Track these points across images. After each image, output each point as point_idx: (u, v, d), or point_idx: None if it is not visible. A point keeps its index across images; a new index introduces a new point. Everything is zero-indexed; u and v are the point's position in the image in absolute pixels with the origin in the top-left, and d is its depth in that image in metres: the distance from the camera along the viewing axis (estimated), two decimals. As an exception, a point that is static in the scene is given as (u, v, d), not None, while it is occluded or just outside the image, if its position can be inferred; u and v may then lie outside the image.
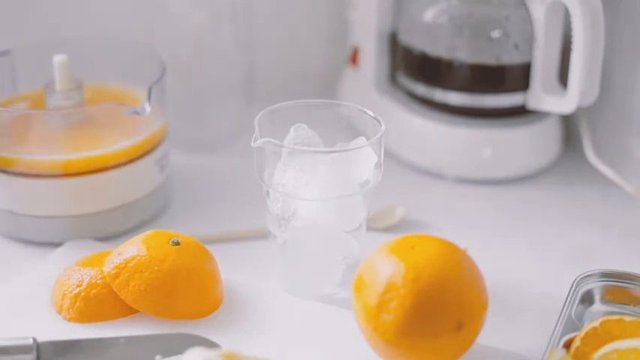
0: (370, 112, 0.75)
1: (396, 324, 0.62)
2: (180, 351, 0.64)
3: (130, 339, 0.68)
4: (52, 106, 0.83)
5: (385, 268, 0.64)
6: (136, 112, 0.80)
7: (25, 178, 0.79)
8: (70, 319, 0.71)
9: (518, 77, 0.93)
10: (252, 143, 0.72)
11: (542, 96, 0.92)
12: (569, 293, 0.71)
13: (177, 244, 0.72)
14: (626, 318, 0.66)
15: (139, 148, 0.82)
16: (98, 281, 0.71)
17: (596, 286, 0.72)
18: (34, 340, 0.65)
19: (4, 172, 0.80)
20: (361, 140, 0.73)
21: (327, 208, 0.72)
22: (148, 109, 0.80)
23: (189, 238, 0.74)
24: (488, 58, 0.92)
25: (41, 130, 0.81)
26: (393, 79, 1.02)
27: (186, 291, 0.70)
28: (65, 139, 0.81)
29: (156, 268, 0.70)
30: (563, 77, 0.92)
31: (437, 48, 0.93)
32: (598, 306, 0.72)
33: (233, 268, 0.76)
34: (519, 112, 0.95)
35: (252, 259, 0.80)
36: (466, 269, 0.64)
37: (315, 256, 0.74)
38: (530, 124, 0.95)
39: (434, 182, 0.95)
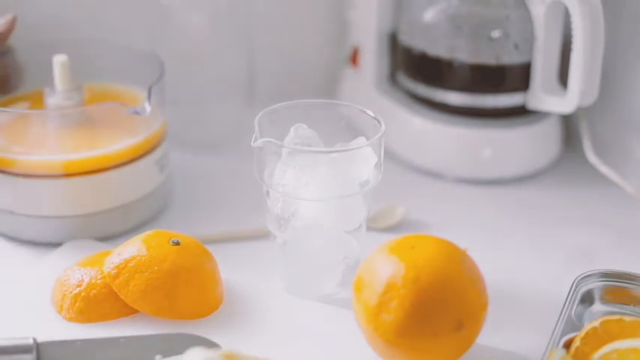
0: (370, 112, 0.75)
1: (396, 324, 0.62)
2: (180, 351, 0.64)
3: (130, 339, 0.68)
4: (52, 106, 0.83)
5: (385, 268, 0.64)
6: (136, 112, 0.80)
7: (25, 179, 0.79)
8: (70, 319, 0.71)
9: (518, 77, 0.93)
10: (252, 143, 0.72)
11: (542, 96, 0.92)
12: (569, 293, 0.71)
13: (177, 244, 0.72)
14: (626, 318, 0.66)
15: (139, 148, 0.82)
16: (98, 281, 0.71)
17: (596, 286, 0.72)
18: (34, 340, 0.65)
19: (4, 172, 0.79)
20: (361, 140, 0.73)
21: (327, 208, 0.72)
22: (148, 109, 0.80)
23: (189, 238, 0.74)
24: (488, 58, 0.92)
25: (41, 130, 0.81)
26: (393, 79, 1.02)
27: (186, 291, 0.70)
28: (65, 139, 0.81)
29: (156, 268, 0.70)
30: (563, 77, 0.92)
31: (437, 48, 0.93)
32: (598, 306, 0.72)
33: (233, 268, 0.76)
34: (519, 112, 0.95)
35: (252, 259, 0.80)
36: (466, 269, 0.64)
37: (315, 256, 0.74)
38: (530, 124, 0.95)
39: (434, 182, 0.95)
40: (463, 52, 0.92)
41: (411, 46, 0.96)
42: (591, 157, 0.91)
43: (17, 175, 0.79)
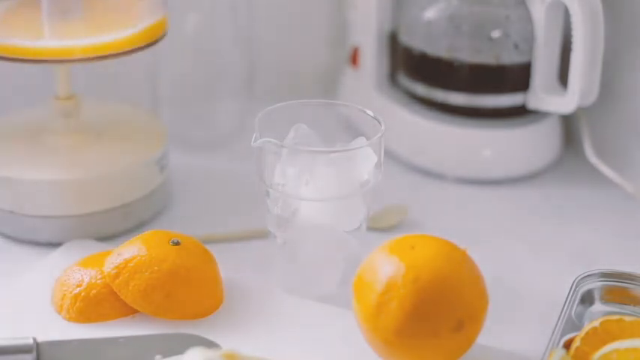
0: (370, 112, 0.75)
1: (396, 324, 0.62)
2: (180, 351, 0.64)
3: (129, 339, 0.68)
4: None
5: (385, 268, 0.64)
6: None
7: (25, 179, 0.79)
8: (70, 319, 0.71)
9: (518, 77, 0.93)
10: (252, 143, 0.72)
11: (542, 96, 0.92)
12: (569, 293, 0.71)
13: (177, 244, 0.72)
14: (626, 318, 0.66)
15: (140, 37, 0.80)
16: (98, 281, 0.71)
17: (596, 286, 0.72)
18: (34, 340, 0.65)
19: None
20: (361, 140, 0.73)
21: (327, 208, 0.72)
22: None
23: (189, 238, 0.74)
24: (488, 58, 0.92)
25: (38, 16, 0.78)
26: (393, 79, 1.02)
27: (187, 291, 0.70)
28: (64, 27, 0.79)
29: (156, 268, 0.70)
30: (563, 77, 0.92)
31: (437, 48, 0.93)
32: (598, 306, 0.72)
33: (233, 268, 0.76)
34: (519, 112, 0.95)
35: (252, 259, 0.80)
36: (466, 269, 0.64)
37: (315, 256, 0.74)
38: (530, 124, 0.95)
39: (434, 182, 0.95)
40: (463, 52, 0.92)
41: (411, 46, 0.96)
42: (591, 157, 0.91)
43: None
